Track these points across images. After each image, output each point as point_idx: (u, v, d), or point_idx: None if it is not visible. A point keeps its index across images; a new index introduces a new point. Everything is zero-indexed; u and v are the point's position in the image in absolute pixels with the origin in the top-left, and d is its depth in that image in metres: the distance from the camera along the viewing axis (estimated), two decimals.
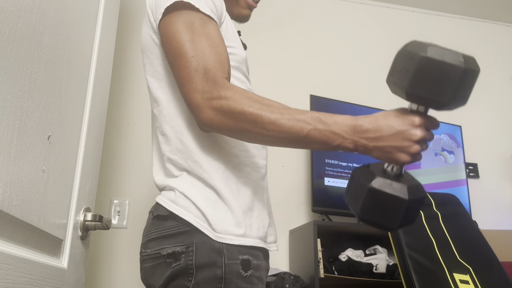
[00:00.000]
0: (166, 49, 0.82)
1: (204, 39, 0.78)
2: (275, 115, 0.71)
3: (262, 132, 0.72)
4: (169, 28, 0.80)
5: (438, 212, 1.40)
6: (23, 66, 0.71)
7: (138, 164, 1.88)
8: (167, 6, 0.80)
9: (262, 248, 0.84)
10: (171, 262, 0.78)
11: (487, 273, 1.24)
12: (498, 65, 2.65)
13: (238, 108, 0.72)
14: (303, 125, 0.70)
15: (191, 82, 0.76)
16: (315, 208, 1.82)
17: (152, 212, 0.87)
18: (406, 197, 0.64)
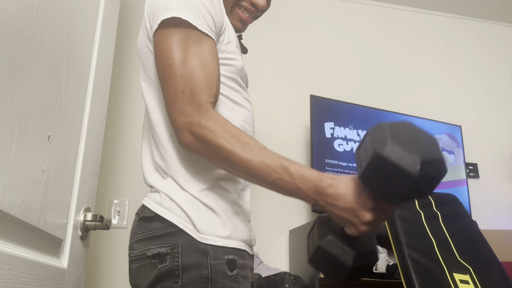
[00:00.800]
0: (157, 63, 0.82)
1: (196, 58, 0.79)
2: (247, 156, 0.73)
3: (232, 168, 0.76)
4: (163, 42, 0.80)
5: (438, 212, 1.40)
6: (23, 66, 0.71)
7: (138, 164, 1.87)
8: (164, 19, 0.79)
9: (246, 251, 0.85)
10: (157, 263, 0.78)
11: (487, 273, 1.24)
12: (498, 65, 2.65)
13: (214, 141, 0.74)
14: (270, 172, 0.72)
15: (176, 102, 0.77)
16: (315, 208, 1.81)
17: (138, 214, 0.87)
18: (350, 264, 0.66)
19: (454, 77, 2.55)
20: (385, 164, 0.59)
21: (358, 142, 1.99)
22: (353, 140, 1.99)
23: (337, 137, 1.96)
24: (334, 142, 1.95)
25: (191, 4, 0.81)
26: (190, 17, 0.79)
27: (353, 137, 2.00)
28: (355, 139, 2.00)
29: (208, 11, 0.82)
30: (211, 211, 0.81)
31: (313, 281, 1.56)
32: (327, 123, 1.96)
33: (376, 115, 2.08)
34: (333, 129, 1.97)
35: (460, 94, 2.52)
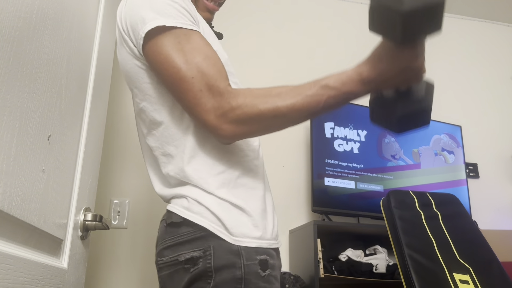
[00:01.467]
0: (162, 75, 0.80)
1: (196, 54, 0.78)
2: (290, 101, 0.74)
3: (283, 120, 0.77)
4: (158, 54, 0.79)
5: (438, 212, 1.40)
6: (23, 66, 0.71)
7: (138, 164, 1.88)
8: (147, 31, 0.78)
9: (277, 248, 0.86)
10: (189, 267, 0.78)
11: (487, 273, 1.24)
12: (498, 65, 2.65)
13: (255, 111, 0.74)
14: (317, 99, 0.74)
15: (199, 104, 0.76)
16: (315, 208, 1.82)
17: (165, 220, 0.86)
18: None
19: (454, 77, 2.55)
20: (378, 7, 0.69)
21: (358, 142, 2.00)
22: (353, 140, 1.99)
23: (337, 137, 1.96)
24: (334, 142, 1.95)
25: (165, 8, 0.80)
26: (172, 20, 0.78)
27: (353, 137, 2.00)
28: (355, 139, 2.00)
29: (182, 7, 0.82)
30: (241, 211, 0.81)
31: (313, 281, 1.56)
32: (327, 123, 1.96)
33: None
34: (333, 129, 1.97)
35: (460, 94, 2.52)
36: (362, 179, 1.94)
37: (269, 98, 0.75)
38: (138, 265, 1.74)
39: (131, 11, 0.83)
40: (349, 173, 1.92)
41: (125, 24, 0.84)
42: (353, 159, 1.95)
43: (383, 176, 1.99)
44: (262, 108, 0.74)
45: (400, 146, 2.09)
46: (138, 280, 1.73)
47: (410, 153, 2.10)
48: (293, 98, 0.74)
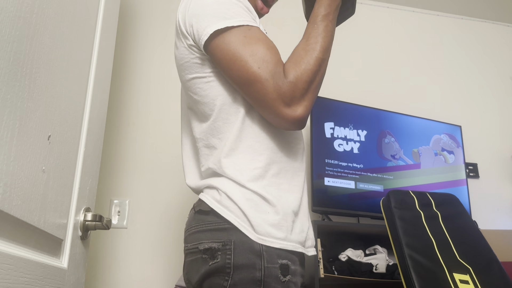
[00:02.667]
0: (230, 71, 0.83)
1: (260, 45, 0.82)
2: (318, 47, 0.85)
3: (325, 64, 0.88)
4: (227, 51, 0.82)
5: (438, 212, 1.40)
6: (23, 66, 0.71)
7: (138, 164, 1.88)
8: (217, 29, 0.82)
9: (300, 253, 0.84)
10: (207, 258, 0.78)
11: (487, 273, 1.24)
12: (498, 65, 2.65)
13: (309, 74, 0.82)
14: (327, 29, 0.88)
15: (267, 93, 0.79)
16: (315, 208, 1.82)
17: (194, 208, 0.88)
18: None
19: (454, 77, 2.55)
20: None
21: (358, 142, 2.00)
22: (353, 140, 1.99)
23: (337, 137, 1.96)
24: (334, 142, 1.95)
25: (231, 7, 0.84)
26: (240, 19, 0.83)
27: (353, 137, 2.00)
28: (355, 139, 2.00)
29: (246, 7, 0.87)
30: (269, 207, 0.81)
31: (313, 281, 1.56)
32: (327, 123, 1.96)
33: (376, 115, 2.08)
34: (333, 129, 1.97)
35: (460, 94, 2.52)
36: (362, 179, 1.94)
37: (306, 57, 0.83)
38: (138, 265, 1.74)
39: (197, 8, 0.85)
40: (349, 173, 1.92)
41: (188, 19, 0.86)
42: (353, 159, 1.95)
43: (383, 176, 1.99)
44: (310, 67, 0.82)
45: (400, 146, 2.09)
46: (138, 280, 1.73)
47: (410, 153, 2.10)
48: (316, 43, 0.85)
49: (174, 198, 1.86)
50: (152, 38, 2.09)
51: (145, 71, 2.03)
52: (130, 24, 2.09)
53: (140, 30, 2.10)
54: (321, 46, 0.85)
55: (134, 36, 2.07)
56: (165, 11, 2.16)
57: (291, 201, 0.85)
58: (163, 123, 1.96)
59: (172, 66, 2.06)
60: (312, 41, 0.85)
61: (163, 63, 2.06)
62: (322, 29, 0.86)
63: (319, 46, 0.85)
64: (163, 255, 1.77)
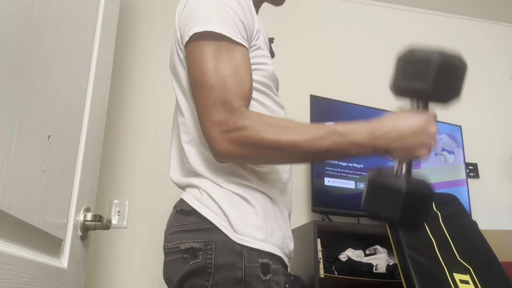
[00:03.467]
0: (189, 75, 0.81)
1: (227, 67, 0.77)
2: (293, 137, 0.72)
3: (282, 155, 0.74)
4: (194, 54, 0.79)
5: (438, 212, 1.40)
6: (23, 66, 0.71)
7: (138, 164, 1.88)
8: (196, 32, 0.78)
9: (280, 257, 0.83)
10: (188, 258, 0.78)
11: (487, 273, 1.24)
12: (498, 65, 2.65)
13: (257, 137, 0.72)
14: (321, 142, 0.72)
15: (208, 113, 0.75)
16: (315, 208, 1.82)
17: (176, 207, 0.88)
18: (403, 186, 0.68)
19: None
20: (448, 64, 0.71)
21: None
22: None
23: None
24: None
25: (223, 14, 0.79)
26: (224, 28, 0.78)
27: None
28: None
29: (240, 20, 0.81)
30: (250, 209, 0.80)
31: (313, 281, 1.56)
32: (327, 123, 1.96)
33: (376, 115, 2.08)
34: None
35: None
36: (362, 179, 1.94)
37: (275, 129, 0.73)
38: (138, 265, 1.74)
39: (192, 6, 0.83)
40: (349, 173, 1.92)
41: (183, 16, 0.85)
42: (353, 159, 1.95)
43: None
44: (264, 136, 0.72)
45: None
46: (138, 280, 1.73)
47: None
48: (297, 135, 0.72)
49: (174, 198, 1.86)
50: (152, 38, 2.09)
51: (145, 71, 2.03)
52: (130, 24, 2.09)
53: (140, 30, 2.10)
54: (295, 142, 0.72)
55: (134, 36, 2.07)
56: (165, 11, 2.16)
57: (270, 203, 0.85)
58: (163, 123, 1.96)
59: None
60: (299, 130, 0.73)
61: (163, 63, 2.06)
62: (319, 135, 0.72)
63: (294, 139, 0.72)
64: (163, 255, 1.77)
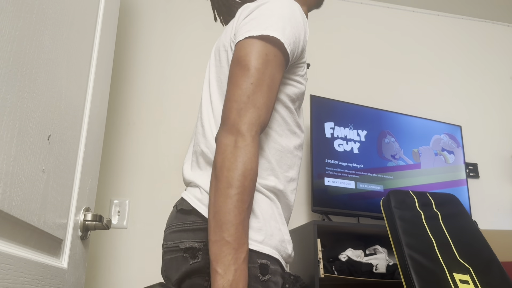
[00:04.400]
0: (232, 66, 0.81)
1: (268, 76, 0.79)
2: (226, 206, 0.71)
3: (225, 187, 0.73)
4: (244, 49, 0.80)
5: (438, 212, 1.40)
6: (23, 66, 0.71)
7: (138, 164, 1.88)
8: (259, 35, 0.80)
9: (278, 259, 0.82)
10: (188, 257, 0.78)
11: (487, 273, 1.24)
12: (498, 65, 2.65)
13: (226, 168, 0.72)
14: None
15: (240, 101, 0.76)
16: (315, 208, 1.82)
17: (176, 206, 0.87)
18: None
19: (454, 77, 2.55)
20: None
21: (358, 142, 2.00)
22: (353, 140, 1.99)
23: (337, 137, 1.96)
24: (334, 142, 1.95)
25: (290, 26, 0.82)
26: (285, 38, 0.80)
27: (353, 137, 2.00)
28: (355, 139, 2.00)
29: (299, 34, 0.84)
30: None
31: (313, 281, 1.56)
32: (327, 123, 1.96)
33: (376, 115, 2.08)
34: (333, 129, 1.97)
35: (460, 94, 2.52)
36: (362, 179, 1.94)
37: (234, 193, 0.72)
38: (138, 265, 1.74)
39: (265, 14, 0.83)
40: (349, 173, 1.92)
41: (249, 16, 0.85)
42: (353, 159, 1.95)
43: (383, 176, 1.99)
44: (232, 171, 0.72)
45: (400, 146, 2.09)
46: (138, 280, 1.73)
47: (410, 153, 2.10)
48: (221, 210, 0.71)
49: (174, 198, 1.86)
50: (152, 38, 2.09)
51: (145, 71, 2.03)
52: (130, 24, 2.09)
53: (140, 30, 2.10)
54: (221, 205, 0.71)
55: (134, 36, 2.07)
56: (165, 11, 2.16)
57: (270, 206, 0.84)
58: (163, 123, 1.96)
59: (172, 66, 2.06)
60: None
61: (163, 63, 2.06)
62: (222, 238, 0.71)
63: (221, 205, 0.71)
64: None
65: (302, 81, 0.91)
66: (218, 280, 0.68)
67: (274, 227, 0.83)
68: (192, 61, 2.10)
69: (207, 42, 2.15)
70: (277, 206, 0.86)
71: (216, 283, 0.68)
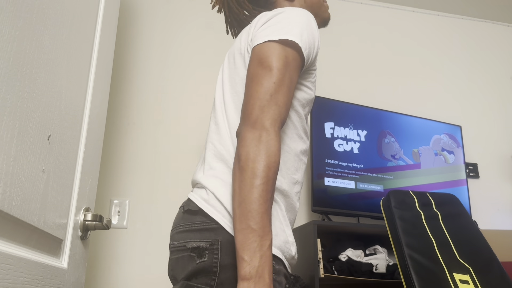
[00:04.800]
0: (253, 66, 0.83)
1: (287, 77, 0.82)
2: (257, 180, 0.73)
3: (239, 187, 0.74)
4: (265, 51, 0.83)
5: (438, 212, 1.40)
6: (23, 66, 0.71)
7: (138, 164, 1.88)
8: (279, 39, 0.83)
9: (281, 260, 0.83)
10: (194, 257, 0.79)
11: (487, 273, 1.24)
12: (498, 65, 2.65)
13: (256, 162, 0.74)
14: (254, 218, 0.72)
15: (263, 99, 0.79)
16: (315, 208, 1.82)
17: (183, 207, 0.88)
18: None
19: (454, 77, 2.55)
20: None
21: (358, 142, 2.00)
22: (353, 140, 1.99)
23: (337, 137, 1.96)
24: (334, 142, 1.95)
25: (307, 33, 0.86)
26: (302, 43, 0.84)
27: (353, 137, 2.00)
28: (355, 139, 2.00)
29: (314, 42, 0.88)
30: None
31: (313, 281, 1.56)
32: (327, 123, 1.96)
33: (376, 115, 2.08)
34: (333, 129, 1.97)
35: (460, 94, 2.52)
36: (362, 179, 1.94)
37: (263, 178, 0.73)
38: (138, 265, 1.74)
39: (283, 22, 0.87)
40: (349, 173, 1.92)
41: (267, 23, 0.89)
42: (353, 159, 1.95)
43: (383, 176, 1.99)
44: (257, 168, 0.74)
45: (400, 146, 2.09)
46: (138, 280, 1.73)
47: (410, 153, 2.10)
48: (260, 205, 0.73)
49: (174, 198, 1.86)
50: (152, 38, 2.09)
51: (145, 71, 2.03)
52: (130, 24, 2.09)
53: (140, 30, 2.10)
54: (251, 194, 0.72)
55: (134, 36, 2.07)
56: (165, 11, 2.16)
57: (274, 207, 0.85)
58: (163, 123, 1.96)
59: (172, 66, 2.07)
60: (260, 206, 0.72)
61: (163, 63, 2.06)
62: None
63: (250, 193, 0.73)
64: (163, 255, 1.77)
65: (312, 88, 0.94)
66: (244, 266, 0.70)
67: (278, 227, 0.84)
68: (192, 61, 2.10)
69: (207, 42, 2.15)
70: (281, 208, 0.87)
71: (243, 269, 0.70)
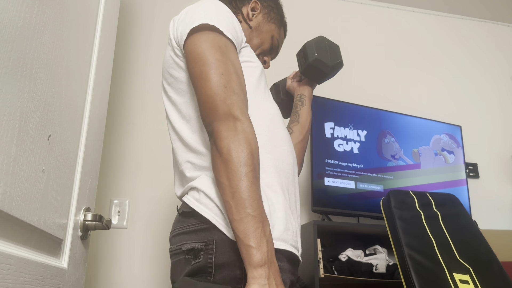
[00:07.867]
0: (195, 65, 0.84)
1: (230, 64, 0.83)
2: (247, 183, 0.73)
3: (226, 178, 0.74)
4: (197, 47, 0.84)
5: (438, 212, 1.40)
6: (23, 66, 0.71)
7: (138, 164, 1.88)
8: (192, 27, 0.84)
9: (284, 250, 0.80)
10: (190, 259, 0.79)
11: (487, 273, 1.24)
12: (498, 65, 2.65)
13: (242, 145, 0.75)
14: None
15: (221, 94, 0.79)
16: (315, 208, 1.82)
17: (178, 210, 0.88)
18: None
19: (454, 77, 2.55)
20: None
21: (358, 142, 2.00)
22: (353, 140, 1.99)
23: (337, 137, 1.96)
24: (334, 142, 1.95)
25: (219, 15, 0.87)
26: (219, 24, 0.85)
27: (353, 137, 2.00)
28: (355, 139, 2.00)
29: (233, 24, 0.90)
30: None
31: (313, 281, 1.56)
32: (327, 123, 1.96)
33: (376, 115, 2.08)
34: (333, 129, 1.97)
35: (460, 94, 2.52)
36: (362, 179, 1.94)
37: (248, 170, 0.74)
38: (138, 265, 1.74)
39: (189, 14, 0.90)
40: (349, 173, 1.92)
41: (177, 25, 0.91)
42: (353, 159, 1.95)
43: (383, 176, 1.99)
44: (240, 152, 0.74)
45: (400, 146, 2.09)
46: (138, 280, 1.73)
47: (410, 153, 2.10)
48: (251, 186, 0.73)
49: (174, 198, 1.86)
50: (152, 38, 2.09)
51: (145, 71, 2.03)
52: (130, 24, 2.09)
53: (140, 30, 2.10)
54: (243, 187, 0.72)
55: (134, 36, 2.07)
56: (165, 11, 2.16)
57: (269, 197, 0.82)
58: (163, 123, 1.96)
59: None
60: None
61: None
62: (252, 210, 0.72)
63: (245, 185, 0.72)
64: (163, 255, 1.77)
65: (253, 60, 0.96)
66: (254, 254, 0.68)
67: (275, 217, 0.81)
68: None
69: None
70: (276, 190, 0.84)
71: (254, 257, 0.68)
